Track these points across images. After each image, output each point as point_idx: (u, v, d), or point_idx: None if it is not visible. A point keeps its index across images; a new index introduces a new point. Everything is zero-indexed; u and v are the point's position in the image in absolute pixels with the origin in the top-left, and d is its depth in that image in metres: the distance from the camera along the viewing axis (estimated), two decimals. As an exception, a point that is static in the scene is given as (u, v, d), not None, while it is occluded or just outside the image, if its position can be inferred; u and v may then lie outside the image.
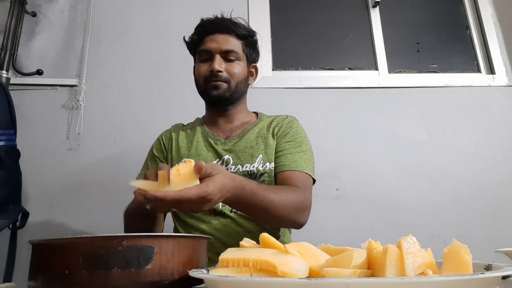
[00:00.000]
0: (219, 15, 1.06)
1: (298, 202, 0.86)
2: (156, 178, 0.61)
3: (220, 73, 0.99)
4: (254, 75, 1.12)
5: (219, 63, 0.99)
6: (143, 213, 0.83)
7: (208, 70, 1.00)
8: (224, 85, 1.01)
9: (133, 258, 0.45)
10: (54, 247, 0.47)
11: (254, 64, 1.11)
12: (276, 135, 1.03)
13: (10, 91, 1.34)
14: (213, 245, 0.93)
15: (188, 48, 1.10)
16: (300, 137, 1.03)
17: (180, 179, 0.60)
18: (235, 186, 0.71)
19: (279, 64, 1.83)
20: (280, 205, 0.81)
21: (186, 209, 0.64)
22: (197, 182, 0.61)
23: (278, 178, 0.96)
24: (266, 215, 0.82)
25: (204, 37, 1.03)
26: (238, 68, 1.03)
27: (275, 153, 1.00)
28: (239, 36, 1.04)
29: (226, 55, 1.01)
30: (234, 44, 1.03)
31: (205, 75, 1.01)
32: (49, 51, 1.71)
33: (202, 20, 1.07)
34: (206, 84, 1.01)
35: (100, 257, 0.44)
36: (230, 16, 1.07)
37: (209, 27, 1.04)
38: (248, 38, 1.07)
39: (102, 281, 0.43)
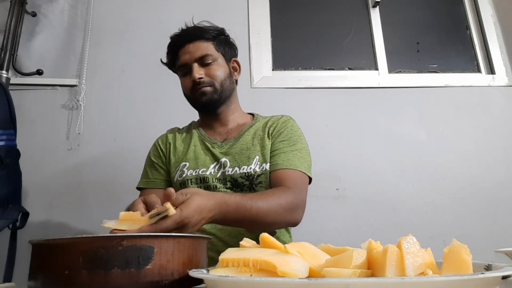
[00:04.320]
0: (185, 26, 1.08)
1: (288, 203, 0.85)
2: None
3: (201, 79, 1.01)
4: (238, 69, 1.13)
5: (197, 71, 1.01)
6: None
7: (190, 81, 1.02)
8: (209, 88, 1.02)
9: (133, 258, 0.45)
10: (54, 247, 0.47)
11: (234, 59, 1.12)
12: (271, 135, 1.03)
13: (10, 91, 1.34)
14: (214, 244, 0.93)
15: (169, 68, 1.13)
16: (295, 136, 1.03)
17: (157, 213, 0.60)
18: (217, 203, 0.70)
19: (279, 64, 1.83)
20: (270, 211, 0.81)
21: None
22: (173, 212, 0.60)
23: (272, 177, 0.96)
24: (257, 224, 0.81)
25: (177, 53, 1.05)
26: (217, 68, 1.04)
27: (270, 153, 1.00)
28: (208, 39, 1.05)
29: (202, 61, 1.02)
30: (205, 48, 1.04)
31: (190, 87, 1.03)
32: (49, 51, 1.71)
33: (170, 39, 1.09)
34: (193, 94, 1.03)
35: (100, 257, 0.44)
36: (193, 22, 1.08)
37: (178, 42, 1.06)
38: (218, 37, 1.08)
39: (102, 281, 0.43)
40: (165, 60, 1.12)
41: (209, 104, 1.03)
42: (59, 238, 0.46)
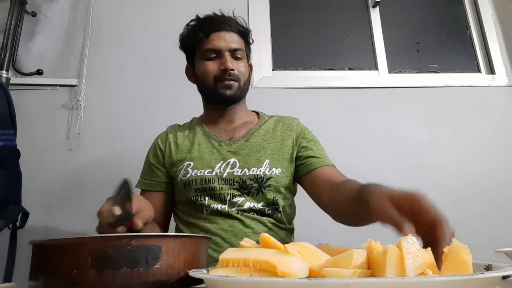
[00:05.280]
0: (218, 13, 1.05)
1: None
2: None
3: (232, 72, 0.98)
4: (251, 73, 1.12)
5: (231, 62, 0.98)
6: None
7: (218, 69, 0.98)
8: (236, 84, 0.99)
9: (141, 257, 0.45)
10: (63, 246, 0.47)
11: (250, 63, 1.11)
12: (295, 139, 1.03)
13: (10, 91, 1.34)
14: (220, 245, 0.92)
15: (185, 44, 1.07)
16: (314, 136, 1.08)
17: None
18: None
19: (279, 64, 1.83)
20: None
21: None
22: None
23: (320, 172, 0.97)
24: None
25: (208, 35, 1.00)
26: (244, 66, 1.03)
27: (303, 151, 1.01)
28: (241, 34, 1.04)
29: (234, 54, 1.00)
30: (239, 42, 1.02)
31: (216, 74, 0.99)
32: (49, 51, 1.71)
33: (199, 17, 1.04)
34: (216, 84, 0.99)
35: (109, 257, 0.44)
36: (233, 14, 1.06)
37: (215, 24, 1.01)
38: (247, 38, 1.07)
39: (111, 280, 0.44)
40: (180, 38, 1.07)
41: (230, 99, 1.00)
42: (68, 238, 0.46)
